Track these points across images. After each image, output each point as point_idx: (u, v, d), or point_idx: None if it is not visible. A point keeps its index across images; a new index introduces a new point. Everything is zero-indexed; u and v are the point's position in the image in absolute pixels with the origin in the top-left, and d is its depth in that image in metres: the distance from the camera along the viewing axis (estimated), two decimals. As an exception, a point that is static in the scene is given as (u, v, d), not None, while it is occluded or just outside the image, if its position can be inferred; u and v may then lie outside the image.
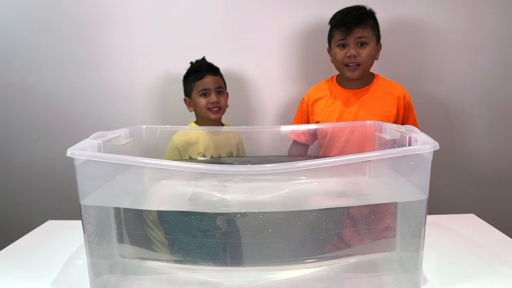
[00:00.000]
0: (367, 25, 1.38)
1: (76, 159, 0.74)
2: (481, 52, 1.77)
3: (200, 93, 1.51)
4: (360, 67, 1.40)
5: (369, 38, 1.39)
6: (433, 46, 1.76)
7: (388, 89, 1.46)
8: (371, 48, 1.39)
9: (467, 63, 1.78)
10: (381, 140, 1.04)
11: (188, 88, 1.56)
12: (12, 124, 1.86)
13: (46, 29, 1.77)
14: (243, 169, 0.73)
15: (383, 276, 0.84)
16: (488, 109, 1.82)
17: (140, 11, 1.76)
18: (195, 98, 1.53)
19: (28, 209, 1.91)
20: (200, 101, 1.51)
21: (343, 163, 0.71)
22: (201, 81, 1.51)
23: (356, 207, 0.88)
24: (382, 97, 1.44)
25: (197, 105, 1.53)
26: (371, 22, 1.40)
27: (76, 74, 1.80)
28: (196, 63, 1.56)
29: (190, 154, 1.42)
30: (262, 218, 0.83)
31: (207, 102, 1.50)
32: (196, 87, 1.52)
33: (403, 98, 1.44)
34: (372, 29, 1.40)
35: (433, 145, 0.72)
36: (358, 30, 1.37)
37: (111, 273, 0.84)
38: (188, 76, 1.56)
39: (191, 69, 1.56)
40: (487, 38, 1.76)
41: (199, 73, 1.52)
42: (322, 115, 1.49)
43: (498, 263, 0.92)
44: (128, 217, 0.88)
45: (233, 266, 0.86)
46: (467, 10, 1.73)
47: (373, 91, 1.46)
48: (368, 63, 1.41)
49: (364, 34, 1.38)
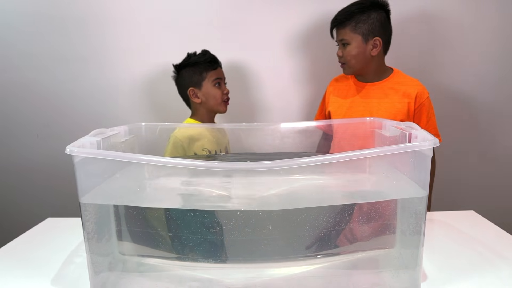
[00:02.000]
0: (346, 26, 1.41)
1: (75, 156, 0.74)
2: (491, 47, 1.76)
3: (215, 82, 1.49)
4: (346, 65, 1.45)
5: (350, 38, 1.41)
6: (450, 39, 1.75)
7: (400, 85, 1.44)
8: (352, 47, 1.41)
9: (470, 58, 1.77)
10: (381, 137, 1.04)
11: (195, 78, 1.51)
12: (11, 121, 1.86)
13: (46, 26, 1.76)
14: (243, 166, 0.73)
15: (383, 273, 0.84)
16: (489, 105, 1.82)
17: (141, 7, 1.75)
18: (208, 88, 1.50)
19: (28, 206, 1.91)
20: (215, 92, 1.49)
21: (343, 159, 0.71)
22: (215, 71, 1.50)
23: (356, 204, 0.87)
24: (391, 92, 1.44)
25: (209, 95, 1.50)
26: (356, 20, 1.40)
27: (75, 71, 1.80)
28: (204, 54, 1.53)
29: (195, 150, 1.41)
30: (262, 215, 0.83)
31: (221, 92, 1.50)
32: (210, 76, 1.49)
33: (415, 96, 1.41)
34: (353, 29, 1.40)
35: (433, 141, 0.72)
36: (339, 32, 1.44)
37: (110, 270, 0.84)
38: (195, 65, 1.51)
39: (200, 59, 1.51)
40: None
41: (213, 63, 1.50)
42: (335, 104, 1.52)
43: (498, 260, 0.92)
44: (128, 214, 0.88)
45: (233, 263, 0.86)
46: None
47: (385, 86, 1.45)
48: (352, 61, 1.43)
49: (343, 36, 1.42)
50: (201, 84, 1.51)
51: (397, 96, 1.43)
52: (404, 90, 1.42)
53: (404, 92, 1.42)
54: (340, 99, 1.52)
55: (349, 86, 1.52)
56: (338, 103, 1.52)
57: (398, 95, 1.42)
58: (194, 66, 1.52)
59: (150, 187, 1.02)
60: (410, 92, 1.42)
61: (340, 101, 1.51)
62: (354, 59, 1.42)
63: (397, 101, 1.42)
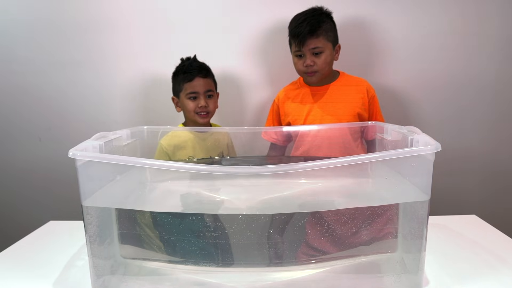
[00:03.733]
0: (319, 35, 1.41)
1: (78, 160, 0.74)
2: (482, 52, 1.77)
3: (189, 96, 1.45)
4: (317, 73, 1.47)
5: (323, 47, 1.43)
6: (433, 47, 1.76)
7: (351, 84, 1.53)
8: (327, 55, 1.44)
9: (469, 62, 1.78)
10: (382, 141, 1.04)
11: (176, 87, 1.51)
12: (13, 125, 1.87)
13: (47, 31, 1.77)
14: (245, 170, 0.73)
15: (384, 277, 0.84)
16: (490, 110, 1.81)
17: (138, 12, 1.76)
18: (183, 100, 1.48)
19: (30, 209, 1.91)
20: (188, 104, 1.46)
21: (345, 164, 0.71)
22: (190, 83, 1.45)
23: (357, 208, 0.87)
24: (345, 92, 1.51)
25: (185, 108, 1.48)
26: (325, 28, 1.42)
27: (76, 75, 1.81)
28: (187, 62, 1.49)
29: (179, 157, 1.41)
30: (263, 219, 0.83)
31: (195, 106, 1.45)
32: (185, 89, 1.46)
33: (366, 92, 1.50)
34: (325, 37, 1.43)
35: (435, 146, 0.72)
36: (311, 42, 1.42)
37: (112, 273, 0.84)
38: (176, 75, 1.50)
39: (180, 68, 1.50)
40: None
41: (189, 74, 1.45)
42: (293, 114, 1.54)
43: (500, 265, 0.91)
44: (130, 218, 0.88)
45: (235, 267, 0.85)
46: (471, 9, 1.74)
47: (337, 87, 1.51)
48: (326, 69, 1.47)
49: (317, 44, 1.42)
50: (179, 95, 1.49)
51: (350, 93, 1.50)
52: (355, 87, 1.51)
53: (355, 89, 1.51)
54: (298, 108, 1.53)
55: (302, 93, 1.54)
56: (296, 111, 1.53)
57: (352, 92, 1.50)
58: (176, 75, 1.50)
59: (152, 191, 1.03)
60: (360, 88, 1.51)
61: (298, 109, 1.53)
62: (328, 66, 1.47)
63: (352, 97, 1.49)
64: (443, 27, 1.73)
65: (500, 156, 1.85)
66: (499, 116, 1.82)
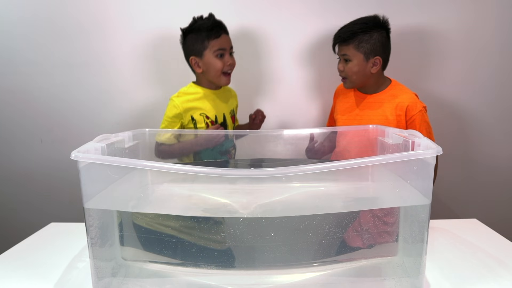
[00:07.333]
0: (349, 43, 1.43)
1: (80, 162, 0.74)
2: (483, 55, 1.77)
3: (216, 53, 1.40)
4: (347, 80, 1.47)
5: (352, 55, 1.43)
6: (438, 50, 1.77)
7: (394, 97, 1.45)
8: (354, 64, 1.43)
9: (473, 65, 1.78)
10: (384, 145, 1.04)
11: (197, 46, 1.42)
12: (15, 127, 1.87)
13: (49, 32, 1.77)
14: (246, 172, 0.73)
15: (385, 281, 0.84)
16: (491, 113, 1.82)
17: (141, 13, 1.76)
18: (209, 59, 1.41)
19: (31, 211, 1.92)
20: (216, 63, 1.41)
21: (346, 167, 0.71)
22: (217, 40, 1.40)
23: (358, 212, 0.87)
24: (385, 104, 1.45)
25: (210, 66, 1.42)
26: (359, 39, 1.42)
27: (78, 76, 1.81)
28: (208, 19, 1.43)
29: (192, 114, 1.42)
30: (264, 222, 0.83)
31: (223, 64, 1.41)
32: (211, 46, 1.40)
33: (405, 109, 1.41)
34: (356, 47, 1.42)
35: (436, 150, 0.72)
36: (342, 48, 1.45)
37: (113, 275, 0.85)
38: (198, 32, 1.42)
39: (201, 25, 1.42)
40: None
41: (215, 31, 1.40)
42: (338, 114, 1.57)
43: (500, 268, 0.91)
44: (131, 220, 0.88)
45: (236, 270, 0.86)
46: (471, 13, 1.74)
47: (381, 98, 1.47)
48: (353, 77, 1.45)
49: (346, 52, 1.44)
50: (203, 54, 1.42)
51: (390, 108, 1.44)
52: (398, 102, 1.43)
53: (397, 104, 1.43)
54: (343, 109, 1.57)
55: (350, 97, 1.56)
56: (341, 113, 1.57)
57: (391, 107, 1.44)
58: (197, 33, 1.42)
59: (153, 193, 1.03)
60: (402, 104, 1.42)
61: (343, 111, 1.56)
62: (355, 75, 1.45)
63: (389, 112, 1.43)
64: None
65: (501, 159, 1.85)
66: (500, 119, 1.82)
